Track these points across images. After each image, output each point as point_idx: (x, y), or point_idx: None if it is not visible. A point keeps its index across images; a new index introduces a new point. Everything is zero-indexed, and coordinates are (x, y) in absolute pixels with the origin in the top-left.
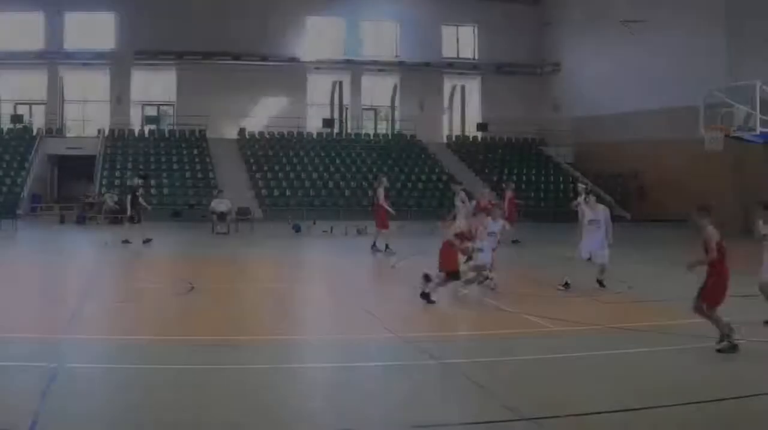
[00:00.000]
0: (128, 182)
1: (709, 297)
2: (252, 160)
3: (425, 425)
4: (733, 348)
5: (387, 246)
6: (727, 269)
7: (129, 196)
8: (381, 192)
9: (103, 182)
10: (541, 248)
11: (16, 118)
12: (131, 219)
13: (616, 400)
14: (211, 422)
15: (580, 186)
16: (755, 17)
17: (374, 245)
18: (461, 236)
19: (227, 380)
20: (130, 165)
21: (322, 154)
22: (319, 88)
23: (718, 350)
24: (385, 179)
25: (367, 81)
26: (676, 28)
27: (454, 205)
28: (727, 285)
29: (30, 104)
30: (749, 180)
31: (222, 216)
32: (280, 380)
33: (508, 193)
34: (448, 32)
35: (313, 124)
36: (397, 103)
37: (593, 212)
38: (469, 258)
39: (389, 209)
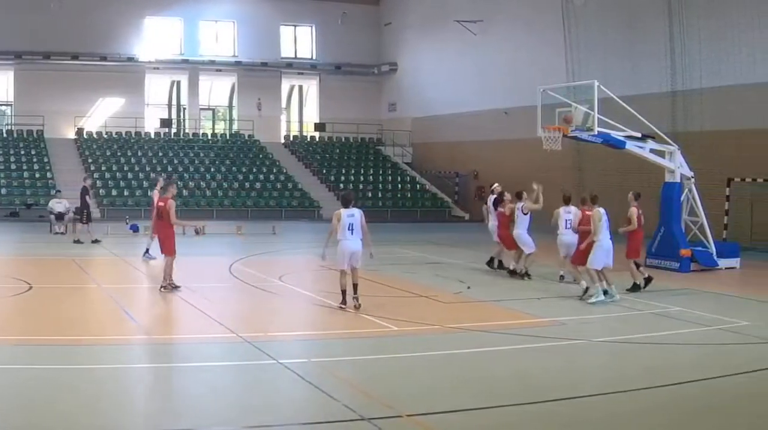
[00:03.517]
0: (83, 184)
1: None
2: (90, 160)
3: (260, 425)
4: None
5: (147, 250)
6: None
7: (85, 197)
8: (154, 194)
9: None
10: (382, 247)
11: None
12: (83, 220)
13: (455, 400)
14: (45, 423)
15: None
16: (592, 18)
17: (147, 251)
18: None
19: (63, 380)
20: None
21: (160, 154)
22: (157, 88)
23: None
24: (161, 180)
25: (205, 81)
26: (514, 30)
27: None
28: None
29: None
30: (589, 179)
31: (60, 216)
32: (117, 381)
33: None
34: (286, 32)
35: (151, 124)
36: (234, 103)
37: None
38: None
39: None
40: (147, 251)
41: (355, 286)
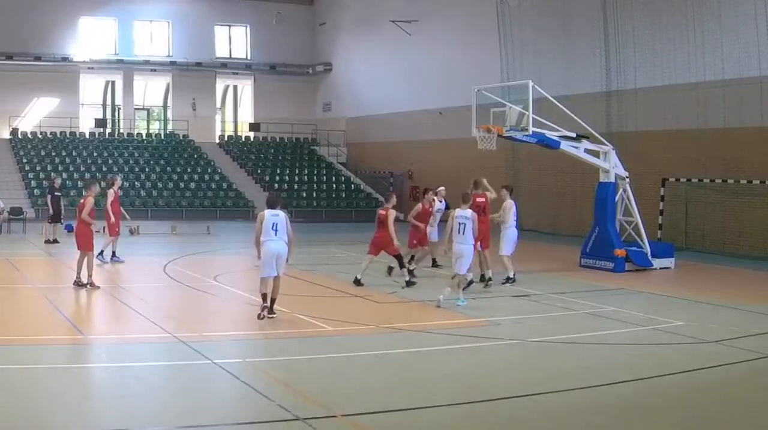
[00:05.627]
0: (48, 183)
1: None
2: (25, 160)
3: (195, 425)
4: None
5: (114, 254)
6: None
7: (50, 196)
8: (111, 193)
9: None
10: (317, 247)
11: None
12: (51, 218)
13: (389, 400)
14: None
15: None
16: (527, 18)
17: (101, 253)
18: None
19: None
20: None
21: (95, 154)
22: (91, 88)
23: None
24: (119, 179)
25: (139, 81)
26: (448, 30)
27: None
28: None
29: None
30: (523, 179)
31: None
32: (52, 381)
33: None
34: (220, 32)
35: (86, 124)
36: (169, 103)
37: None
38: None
39: (124, 213)
40: (114, 254)
41: (272, 301)
